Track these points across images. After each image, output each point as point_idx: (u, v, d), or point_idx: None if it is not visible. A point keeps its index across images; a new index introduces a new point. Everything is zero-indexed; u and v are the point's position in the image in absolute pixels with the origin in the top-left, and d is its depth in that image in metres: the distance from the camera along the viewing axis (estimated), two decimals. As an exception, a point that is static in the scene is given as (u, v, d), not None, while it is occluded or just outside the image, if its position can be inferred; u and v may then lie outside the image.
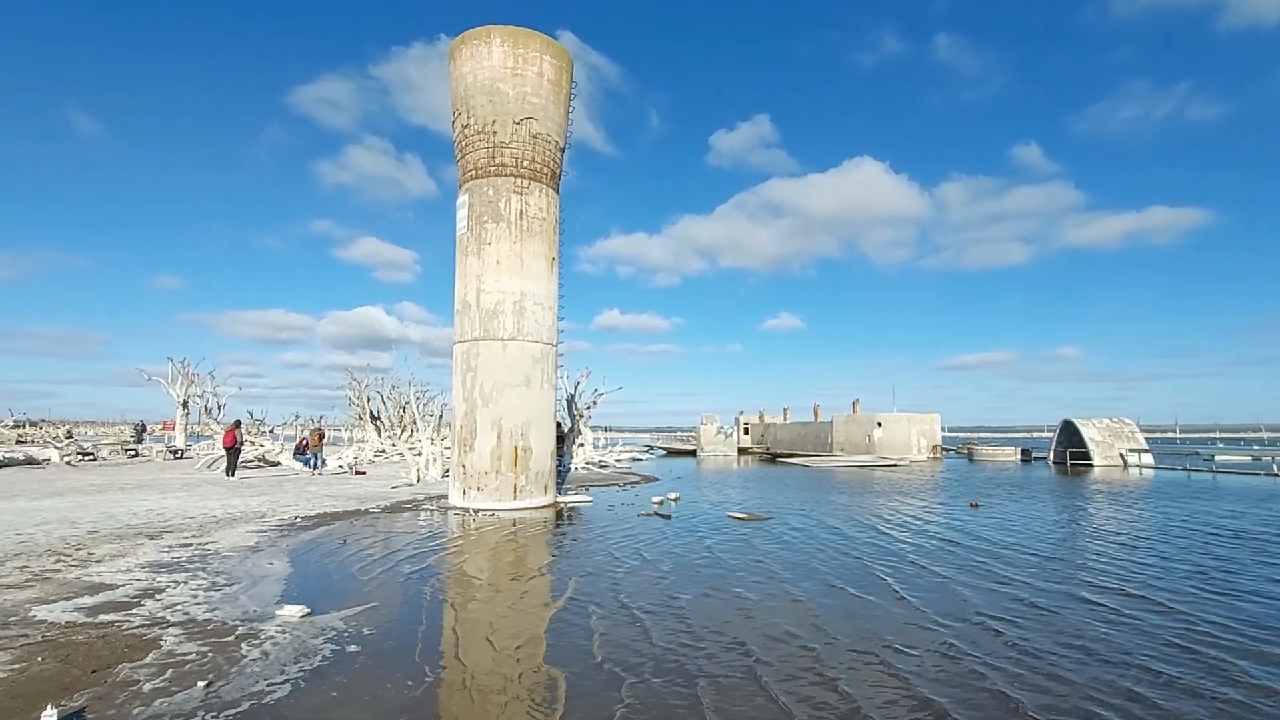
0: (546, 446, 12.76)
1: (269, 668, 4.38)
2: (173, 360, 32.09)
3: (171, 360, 32.14)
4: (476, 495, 12.11)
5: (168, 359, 31.97)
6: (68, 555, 7.68)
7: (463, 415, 12.41)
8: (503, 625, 5.59)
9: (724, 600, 6.39)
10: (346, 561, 7.95)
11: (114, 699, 3.82)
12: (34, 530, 9.17)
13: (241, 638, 4.95)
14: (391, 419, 29.35)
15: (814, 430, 37.69)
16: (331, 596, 6.30)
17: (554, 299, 13.15)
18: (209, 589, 6.38)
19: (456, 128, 12.85)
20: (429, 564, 7.91)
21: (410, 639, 5.19)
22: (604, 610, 5.97)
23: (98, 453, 26.96)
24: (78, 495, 13.37)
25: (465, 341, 12.48)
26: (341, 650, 4.77)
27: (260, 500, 12.89)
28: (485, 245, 12.31)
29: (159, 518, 10.51)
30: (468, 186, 12.62)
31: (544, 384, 12.68)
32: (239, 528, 9.82)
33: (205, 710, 3.73)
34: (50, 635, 4.90)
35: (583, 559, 8.27)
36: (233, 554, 8.04)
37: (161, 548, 8.25)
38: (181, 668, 4.32)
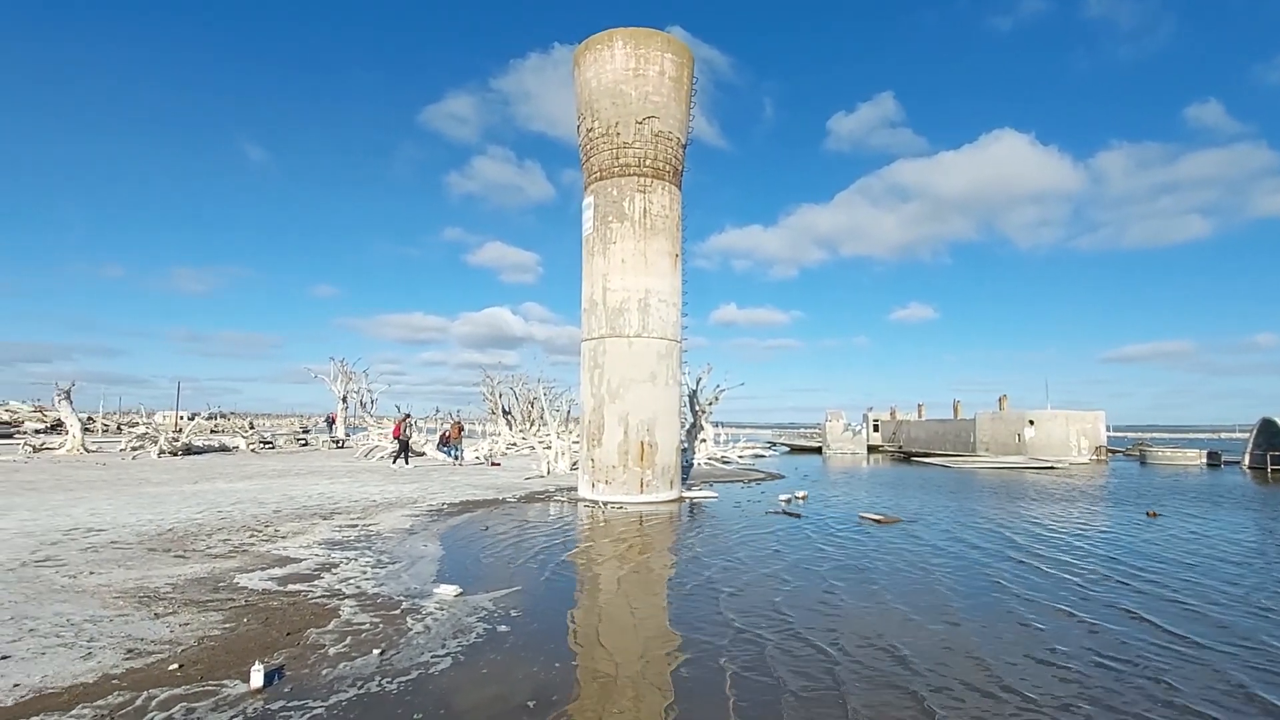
0: (672, 442, 12.85)
1: (431, 641, 4.74)
2: (334, 359, 35.80)
3: (333, 359, 35.86)
4: (605, 488, 12.43)
5: (330, 358, 35.68)
6: (259, 531, 8.74)
7: (590, 411, 12.79)
8: (638, 615, 5.68)
9: (864, 606, 6.10)
10: (490, 546, 8.46)
11: (306, 660, 4.29)
12: (231, 508, 10.53)
13: (406, 612, 5.39)
14: (521, 414, 30.89)
15: (954, 428, 35.20)
16: (479, 579, 6.71)
17: (677, 295, 13.21)
18: (375, 566, 7.01)
19: (581, 132, 13.24)
20: (565, 552, 8.22)
21: (554, 623, 5.42)
22: (738, 607, 5.90)
23: (275, 442, 30.58)
24: (262, 479, 15.22)
25: (592, 339, 12.84)
26: (493, 630, 5.05)
27: (412, 487, 14.02)
28: (610, 245, 12.59)
29: (329, 500, 11.72)
30: (593, 188, 12.98)
31: (669, 380, 12.78)
32: (395, 511, 10.73)
33: (381, 675, 4.09)
34: (251, 600, 5.59)
35: (713, 553, 8.24)
36: (392, 535, 8.79)
37: (333, 527, 9.18)
38: (358, 635, 4.78)
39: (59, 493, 12.12)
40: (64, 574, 6.24)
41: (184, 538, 8.12)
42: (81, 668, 4.02)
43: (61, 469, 17.00)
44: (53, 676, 3.88)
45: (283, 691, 3.81)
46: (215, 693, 3.74)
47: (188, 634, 4.69)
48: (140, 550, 7.36)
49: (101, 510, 10.08)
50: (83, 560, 6.80)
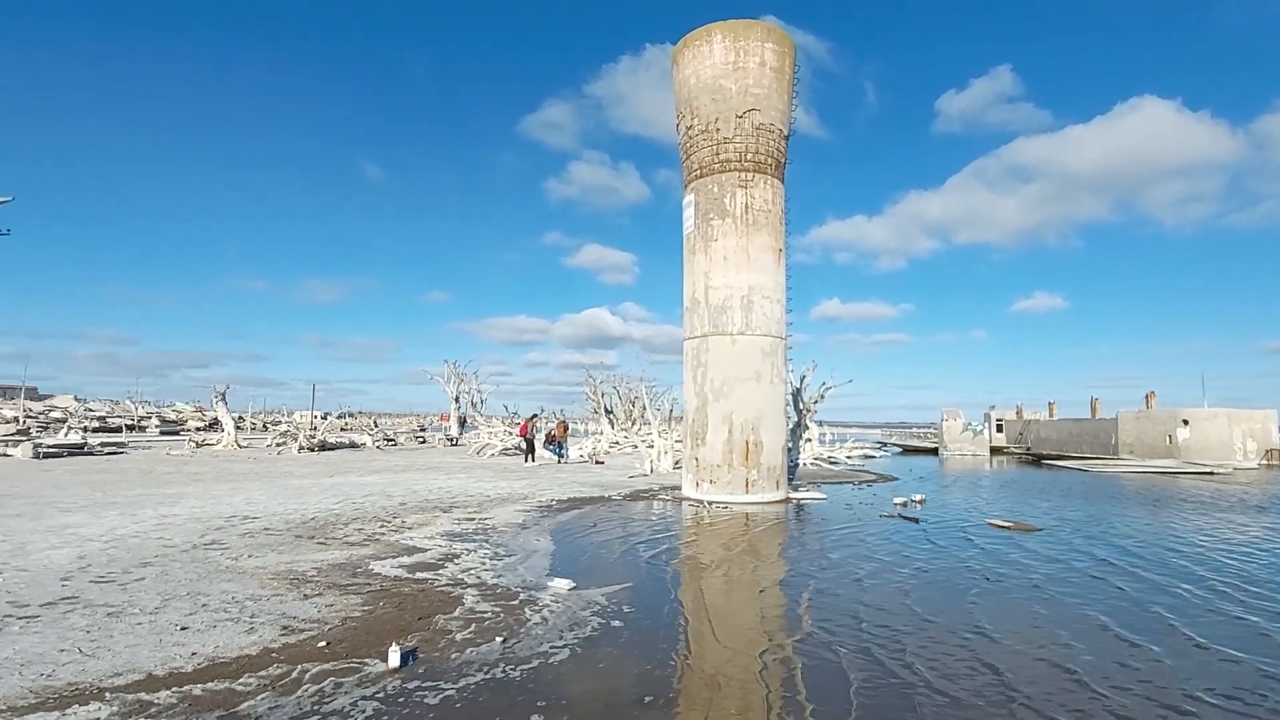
0: (778, 441, 12.56)
1: (549, 632, 4.87)
2: (447, 362, 37.93)
3: (446, 362, 38.00)
4: (709, 488, 12.34)
5: (444, 361, 37.84)
6: (388, 522, 9.36)
7: (694, 410, 12.74)
8: (750, 615, 5.57)
9: (996, 621, 5.66)
10: (598, 542, 8.61)
11: (436, 644, 4.53)
12: (363, 500, 11.36)
13: (524, 603, 5.57)
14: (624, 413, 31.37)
15: (1091, 428, 32.17)
16: (591, 573, 6.83)
17: (781, 291, 12.89)
18: (492, 558, 7.31)
19: (681, 130, 13.23)
20: (672, 550, 8.23)
21: (665, 620, 5.42)
22: (851, 610, 5.64)
23: (397, 439, 32.77)
24: (389, 473, 16.34)
25: (695, 338, 12.79)
26: (607, 624, 5.12)
27: (522, 484, 14.56)
28: (712, 242, 12.49)
29: (447, 495, 12.38)
30: (693, 186, 12.92)
31: (774, 378, 12.50)
32: (508, 507, 11.17)
33: (504, 662, 4.25)
34: (385, 586, 5.98)
35: (823, 555, 7.95)
36: (506, 529, 9.15)
37: (453, 520, 9.68)
38: (482, 623, 4.99)
39: (220, 483, 13.58)
40: (227, 556, 6.96)
41: (324, 526, 8.84)
42: (245, 640, 4.46)
43: (220, 462, 19.05)
44: (223, 647, 4.32)
45: (417, 672, 4.04)
46: (358, 670, 4.03)
47: (332, 614, 5.09)
48: (289, 537, 8.09)
49: (255, 500, 11.19)
50: (242, 545, 7.56)
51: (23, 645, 4.27)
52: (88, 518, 9.12)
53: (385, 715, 3.48)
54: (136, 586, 5.72)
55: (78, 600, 5.28)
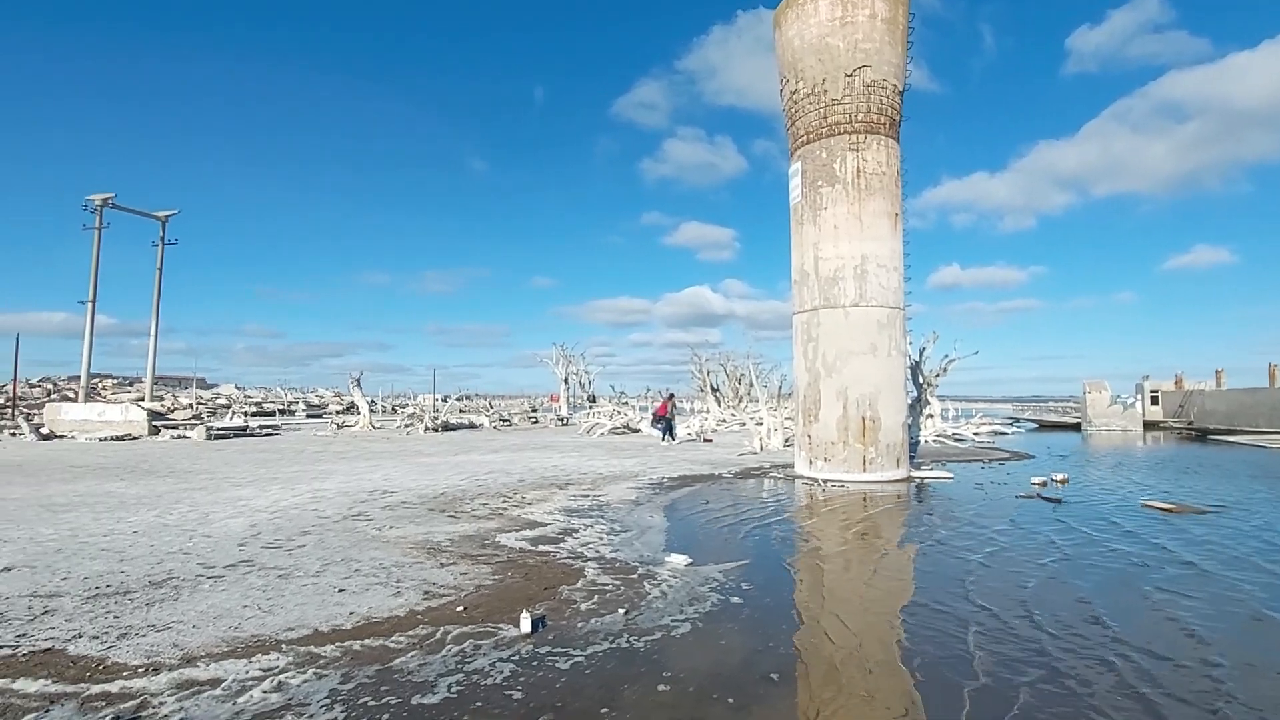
0: (897, 417, 11.97)
1: (669, 606, 4.93)
2: (555, 345, 39.21)
3: (555, 345, 39.30)
4: (823, 465, 12.00)
5: (552, 344, 39.15)
6: (509, 497, 9.84)
7: (805, 386, 12.39)
8: (872, 597, 5.36)
9: (1146, 613, 5.11)
10: (712, 519, 8.61)
11: (562, 612, 4.71)
12: (486, 477, 12.01)
13: (642, 577, 5.67)
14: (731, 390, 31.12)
15: (1270, 398, 28.23)
16: (706, 550, 6.84)
17: (898, 259, 12.18)
18: (609, 533, 7.50)
19: (785, 95, 12.73)
20: (787, 528, 8.08)
21: (785, 598, 5.34)
22: (982, 595, 5.28)
23: (511, 420, 34.37)
24: (506, 452, 17.17)
25: (804, 311, 12.39)
26: (726, 601, 5.11)
27: (633, 462, 14.83)
28: (821, 211, 11.99)
29: (562, 472, 12.84)
30: (800, 153, 12.43)
31: (892, 351, 11.89)
32: (621, 484, 11.41)
33: (628, 633, 4.35)
34: (511, 557, 6.29)
35: (952, 536, 7.51)
36: (620, 505, 9.35)
37: (569, 496, 10.02)
38: (604, 595, 5.13)
39: (360, 461, 14.83)
40: (372, 527, 7.60)
41: (453, 501, 9.43)
42: (394, 603, 4.85)
43: (359, 442, 20.81)
44: (375, 608, 4.73)
45: (547, 638, 4.22)
46: (494, 634, 4.27)
47: (467, 582, 5.42)
48: (423, 510, 8.70)
49: (392, 476, 12.13)
50: (384, 516, 8.23)
51: (214, 601, 4.88)
52: (255, 491, 10.27)
53: (521, 677, 3.66)
54: (300, 552, 6.37)
55: (253, 563, 5.95)
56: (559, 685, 3.59)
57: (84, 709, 3.24)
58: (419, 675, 3.66)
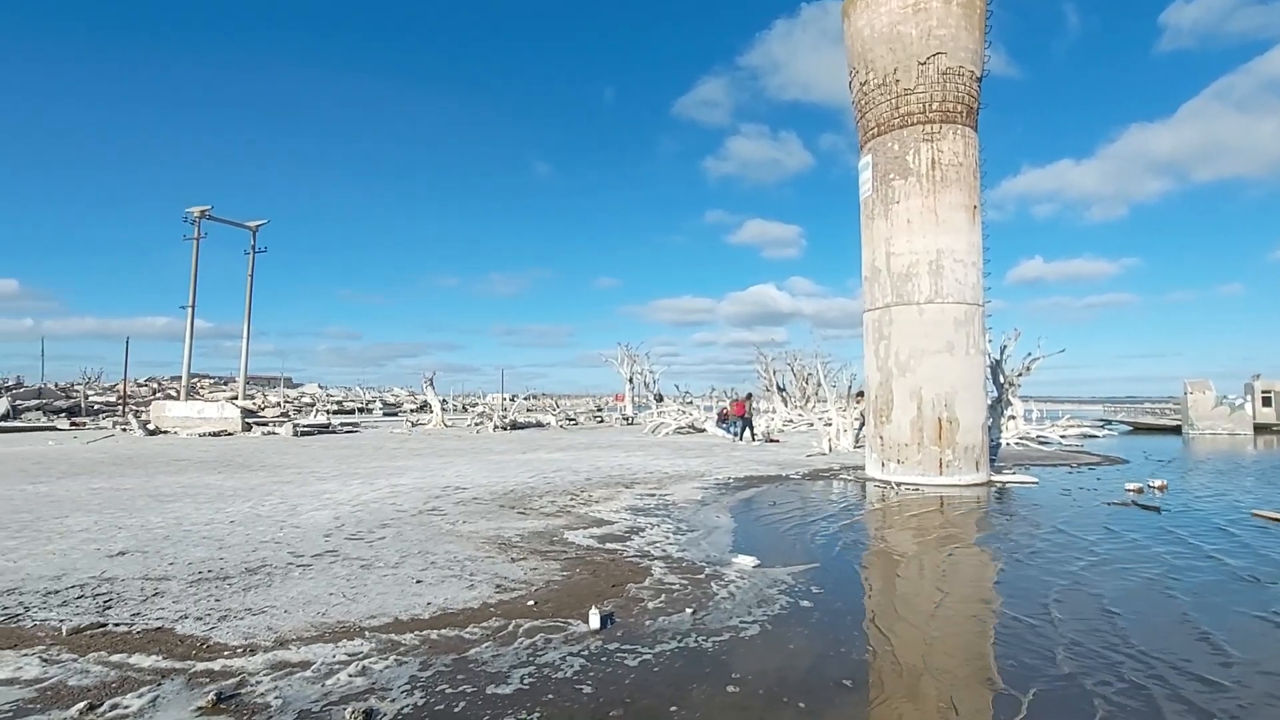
0: (976, 418, 11.44)
1: (737, 607, 4.87)
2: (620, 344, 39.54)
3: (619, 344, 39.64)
4: (896, 468, 11.60)
5: (616, 344, 39.55)
6: (576, 495, 9.98)
7: (877, 385, 12.01)
8: (948, 605, 5.13)
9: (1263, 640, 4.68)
10: (779, 521, 8.47)
11: (630, 610, 4.74)
12: (553, 475, 12.23)
13: (709, 577, 5.64)
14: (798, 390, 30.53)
15: (1399, 402, 25.44)
16: (774, 552, 6.73)
17: (977, 253, 11.64)
18: (675, 533, 7.49)
19: (854, 87, 12.38)
20: (858, 532, 7.86)
21: (857, 603, 5.19)
22: (1068, 608, 4.96)
23: (577, 419, 34.86)
24: (573, 450, 17.43)
25: (875, 309, 12.01)
26: (795, 604, 5.01)
27: (698, 462, 14.77)
28: (893, 205, 11.59)
29: (628, 471, 12.92)
30: (870, 146, 12.06)
31: (970, 349, 11.37)
32: (686, 484, 11.38)
33: (695, 632, 4.33)
34: (579, 554, 6.38)
35: (1036, 545, 7.10)
36: (686, 505, 9.33)
37: (635, 495, 10.07)
38: (671, 594, 5.13)
39: (434, 458, 15.39)
40: (446, 521, 7.86)
41: (522, 498, 9.65)
42: (468, 595, 5.00)
43: (432, 440, 21.59)
44: (450, 600, 4.89)
45: (615, 635, 4.25)
46: (563, 628, 4.34)
47: (536, 577, 5.53)
48: (494, 506, 8.94)
49: (463, 473, 12.53)
50: (457, 512, 8.50)
51: (303, 588, 5.17)
52: (338, 485, 10.81)
53: (590, 672, 3.71)
54: (380, 544, 6.66)
55: (338, 554, 6.27)
56: (628, 681, 3.61)
57: (190, 684, 3.49)
58: (493, 666, 3.76)
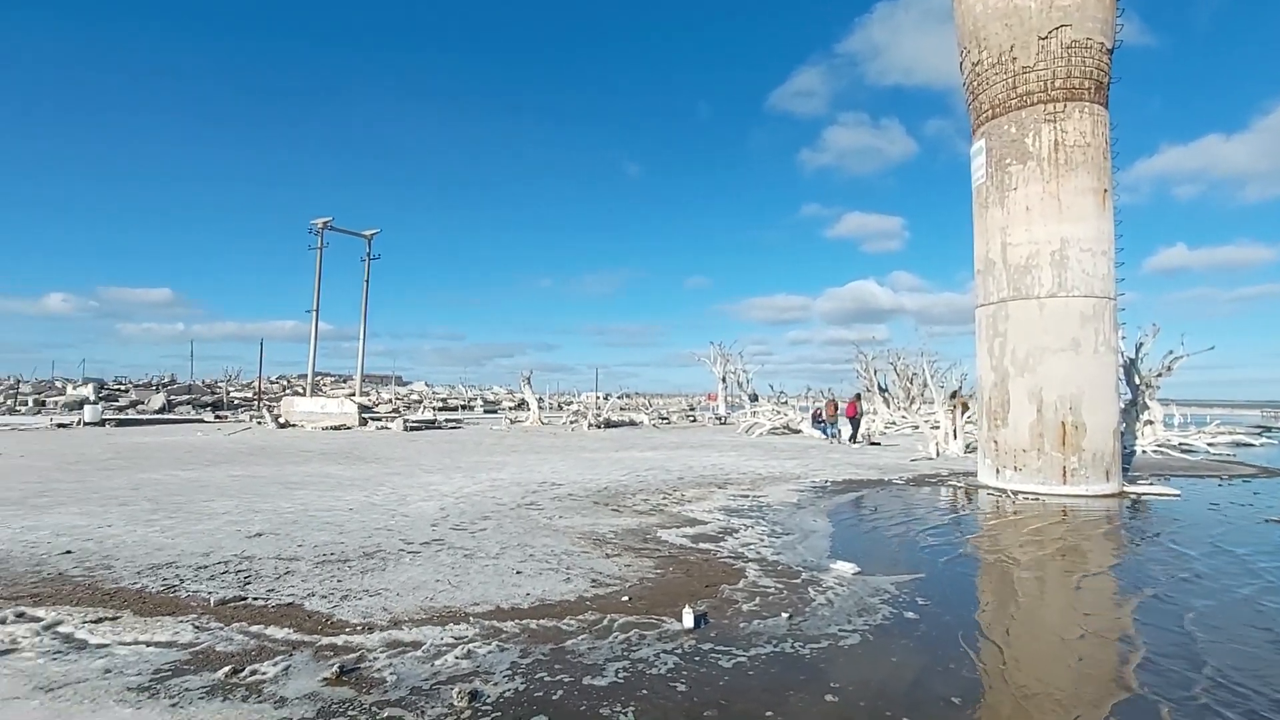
0: (1105, 422, 10.45)
1: (836, 614, 4.70)
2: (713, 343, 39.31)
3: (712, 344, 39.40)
4: (1012, 475, 10.80)
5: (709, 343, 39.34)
6: (669, 494, 9.99)
7: (991, 386, 11.23)
8: (1067, 626, 4.70)
9: None
10: (880, 527, 8.10)
11: (724, 611, 4.68)
12: (646, 473, 12.32)
13: (806, 583, 5.47)
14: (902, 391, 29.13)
15: None
16: (875, 559, 6.44)
17: (1107, 241, 10.62)
18: (770, 535, 7.33)
19: (965, 68, 11.64)
20: (968, 542, 7.38)
21: (966, 617, 4.86)
22: (1214, 640, 4.40)
23: (670, 418, 34.95)
24: (665, 450, 17.49)
25: (989, 304, 11.24)
26: (899, 614, 4.77)
27: (793, 463, 14.41)
28: (1009, 192, 10.80)
29: (720, 471, 12.80)
30: (983, 130, 11.29)
31: (1099, 347, 10.40)
32: (782, 485, 11.13)
33: (791, 638, 4.21)
34: (672, 553, 6.38)
35: (1175, 565, 6.37)
36: (781, 508, 9.12)
37: (728, 496, 9.96)
38: (766, 597, 5.02)
39: (530, 455, 15.91)
40: (543, 516, 8.10)
41: (616, 495, 9.78)
42: (565, 588, 5.12)
43: (529, 437, 22.34)
44: (548, 592, 5.03)
45: (709, 635, 4.21)
46: (657, 625, 4.35)
47: (630, 573, 5.58)
48: (588, 503, 9.12)
49: (559, 469, 12.87)
50: (553, 507, 8.74)
51: (412, 574, 5.49)
52: (442, 478, 11.40)
53: (684, 670, 3.69)
54: (481, 535, 6.96)
55: (443, 543, 6.60)
56: (722, 683, 3.56)
57: (317, 657, 3.78)
58: (588, 658, 3.82)
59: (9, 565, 5.60)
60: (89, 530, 6.97)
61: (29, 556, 5.89)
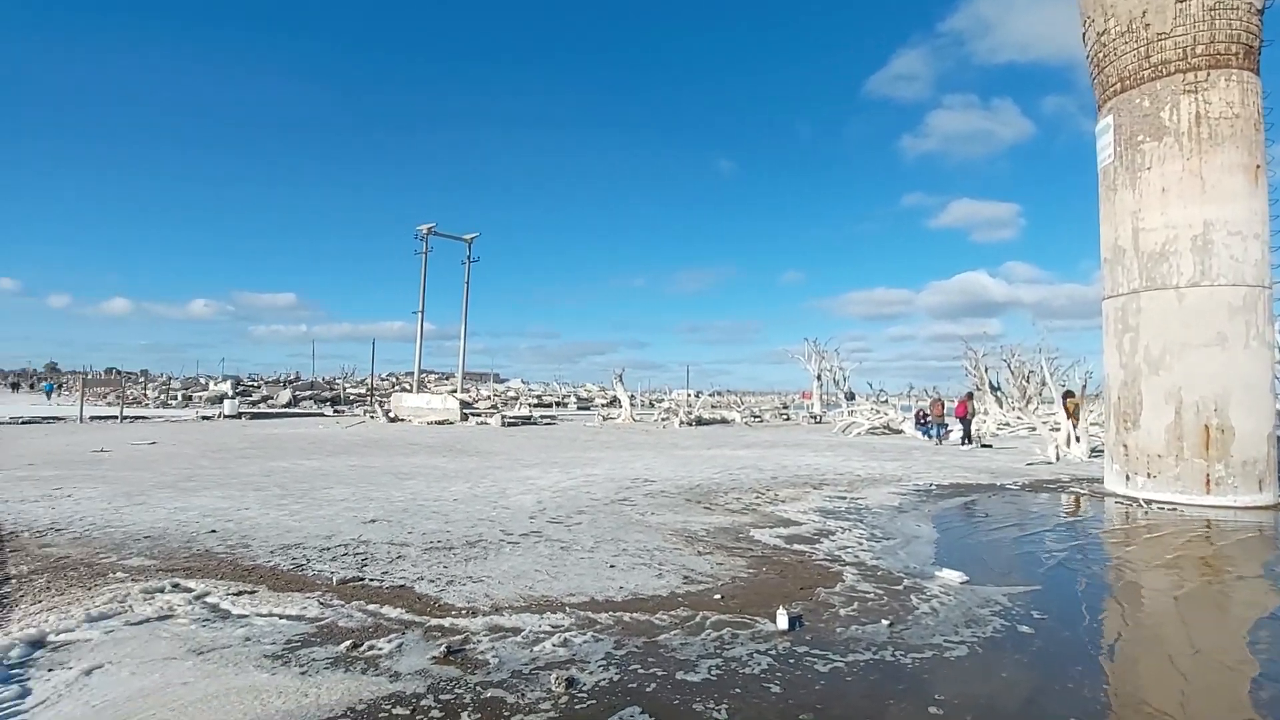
0: (1259, 427, 9.30)
1: (941, 624, 4.47)
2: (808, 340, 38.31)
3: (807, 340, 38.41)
4: (1145, 482, 9.84)
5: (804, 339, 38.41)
6: (762, 494, 9.84)
7: (1120, 385, 10.27)
8: (1207, 655, 4.22)
9: None
10: (991, 535, 7.61)
11: (820, 614, 4.56)
12: (738, 472, 12.19)
13: (908, 589, 5.23)
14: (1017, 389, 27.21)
15: None
16: (986, 568, 6.06)
17: (1260, 223, 9.44)
18: (869, 539, 7.06)
19: (1088, 40, 10.69)
20: (1094, 556, 6.80)
21: (1089, 636, 4.48)
22: None
23: (762, 416, 34.39)
24: (758, 448, 17.23)
25: (1119, 296, 10.28)
26: (1012, 628, 4.47)
27: (894, 465, 13.80)
28: (1142, 172, 9.82)
29: (816, 472, 12.46)
30: (1111, 105, 10.33)
31: (1250, 341, 9.27)
32: (881, 488, 10.69)
33: (893, 646, 4.04)
34: (765, 553, 6.28)
35: (1361, 592, 5.58)
36: (881, 511, 8.76)
37: (823, 497, 9.68)
38: (864, 603, 4.85)
39: (624, 451, 16.14)
40: (635, 512, 8.20)
41: (708, 493, 9.75)
42: (657, 583, 5.17)
43: (622, 434, 22.67)
44: (641, 586, 5.09)
45: (804, 638, 4.12)
46: (750, 625, 4.30)
47: (723, 571, 5.55)
48: (680, 500, 9.15)
49: (651, 466, 12.98)
50: (645, 503, 8.83)
51: (513, 563, 5.72)
52: (539, 473, 11.79)
53: (778, 672, 3.63)
54: (576, 529, 7.15)
55: (540, 535, 6.84)
56: (818, 687, 3.48)
57: (426, 637, 4.03)
58: (681, 653, 3.84)
59: (166, 541, 6.33)
60: (229, 512, 7.75)
61: (181, 534, 6.63)
